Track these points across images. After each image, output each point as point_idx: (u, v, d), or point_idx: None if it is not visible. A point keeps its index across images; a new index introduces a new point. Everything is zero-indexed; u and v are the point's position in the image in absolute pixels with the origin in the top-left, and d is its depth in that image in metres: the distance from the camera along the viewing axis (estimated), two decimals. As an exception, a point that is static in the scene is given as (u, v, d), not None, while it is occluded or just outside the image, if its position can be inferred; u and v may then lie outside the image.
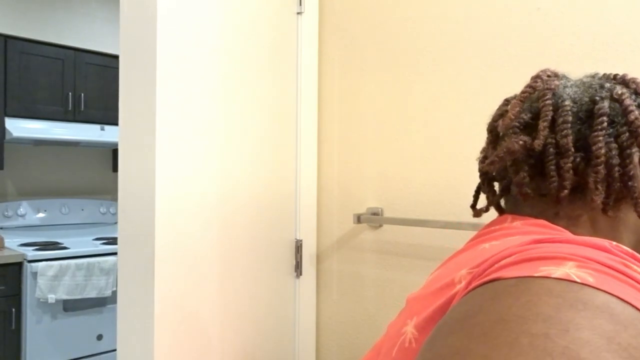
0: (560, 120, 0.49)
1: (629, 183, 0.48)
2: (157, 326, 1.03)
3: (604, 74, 0.55)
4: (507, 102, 0.58)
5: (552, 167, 0.49)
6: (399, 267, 1.26)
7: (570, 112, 0.49)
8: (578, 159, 0.48)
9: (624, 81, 0.52)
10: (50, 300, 2.60)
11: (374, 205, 1.31)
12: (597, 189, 0.47)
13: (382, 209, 1.29)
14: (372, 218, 1.27)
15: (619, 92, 0.49)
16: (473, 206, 0.63)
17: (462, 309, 0.34)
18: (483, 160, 0.58)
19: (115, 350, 2.87)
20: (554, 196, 0.50)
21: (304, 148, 1.38)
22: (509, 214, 0.53)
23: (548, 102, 0.50)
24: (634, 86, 0.51)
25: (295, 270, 1.37)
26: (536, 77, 0.53)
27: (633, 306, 0.30)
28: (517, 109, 0.52)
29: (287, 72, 1.34)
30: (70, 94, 3.04)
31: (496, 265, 0.36)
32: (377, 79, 1.31)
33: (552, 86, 0.51)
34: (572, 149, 0.48)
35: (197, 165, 1.11)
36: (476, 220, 1.13)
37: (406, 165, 1.25)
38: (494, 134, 0.56)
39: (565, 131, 0.48)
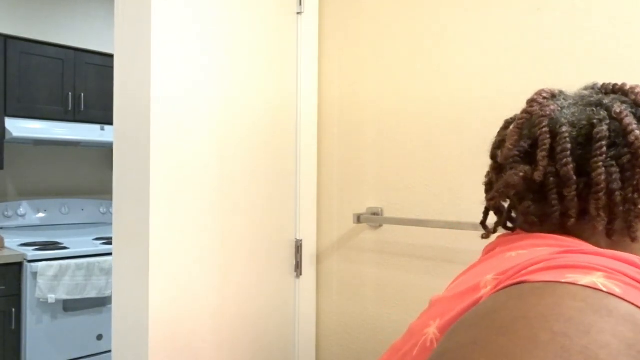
0: (559, 149, 0.48)
1: (630, 207, 0.47)
2: (152, 326, 1.03)
3: (603, 85, 0.53)
4: (507, 124, 0.57)
5: (554, 197, 0.48)
6: (399, 267, 1.26)
7: (568, 139, 0.48)
8: (582, 186, 0.47)
9: (623, 91, 0.51)
10: (50, 300, 2.60)
11: (374, 205, 1.31)
12: (599, 215, 0.47)
13: (382, 209, 1.29)
14: (372, 218, 1.27)
15: (618, 110, 0.48)
16: (483, 223, 0.62)
17: (487, 305, 0.34)
18: (488, 189, 0.58)
19: (115, 350, 2.86)
20: (560, 224, 0.49)
21: (304, 148, 1.38)
22: (525, 232, 0.53)
23: (545, 129, 0.49)
24: (633, 97, 0.50)
25: (295, 270, 1.37)
26: (532, 101, 0.52)
27: None
28: (515, 137, 0.51)
29: (287, 72, 1.34)
30: (70, 94, 3.04)
31: (524, 272, 0.37)
32: (377, 79, 1.31)
33: (548, 112, 0.50)
34: (574, 177, 0.47)
35: (194, 164, 1.11)
36: (476, 220, 1.13)
37: (406, 165, 1.25)
38: (496, 161, 0.55)
39: (565, 160, 0.47)
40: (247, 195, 1.23)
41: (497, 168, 0.55)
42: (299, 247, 1.37)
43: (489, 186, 0.58)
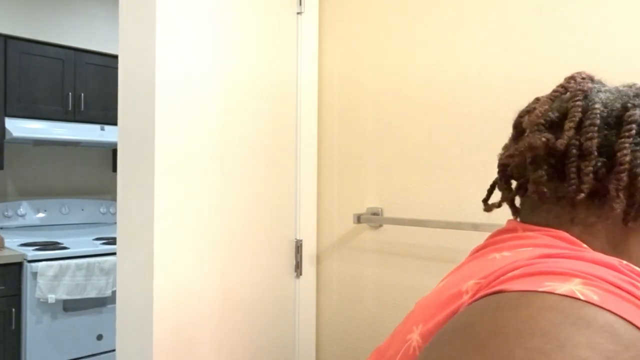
0: (588, 122, 0.47)
1: None
2: (156, 326, 1.03)
3: None
4: (537, 100, 0.56)
5: (573, 169, 0.47)
6: (399, 267, 1.26)
7: (599, 116, 0.47)
8: (600, 164, 0.47)
9: None
10: (50, 300, 2.60)
11: (374, 205, 1.31)
12: (618, 196, 0.46)
13: (382, 209, 1.29)
14: (372, 218, 1.27)
15: None
16: (485, 200, 0.60)
17: (463, 319, 0.33)
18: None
19: (115, 350, 2.87)
20: (571, 200, 0.48)
21: (304, 148, 1.38)
22: (520, 224, 0.51)
23: (578, 103, 0.49)
24: None
25: (295, 270, 1.37)
26: (570, 78, 0.52)
27: (637, 327, 0.29)
28: (546, 106, 0.50)
29: (287, 72, 1.34)
30: (70, 94, 3.04)
31: (502, 278, 0.36)
32: (377, 78, 1.31)
33: (585, 88, 0.50)
34: (596, 153, 0.46)
35: (196, 164, 1.11)
36: (476, 220, 1.13)
37: (406, 165, 1.25)
38: (519, 130, 0.54)
39: (591, 134, 0.47)
40: (248, 196, 1.23)
41: (517, 137, 0.54)
42: (299, 247, 1.37)
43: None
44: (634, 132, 0.46)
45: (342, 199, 1.38)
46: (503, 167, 0.57)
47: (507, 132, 0.58)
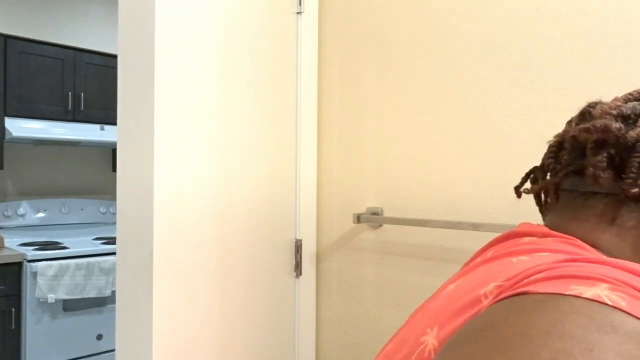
0: None
1: None
2: (156, 326, 1.03)
3: None
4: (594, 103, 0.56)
5: (636, 164, 0.47)
6: (399, 267, 1.26)
7: None
8: None
9: None
10: (50, 300, 2.60)
11: (374, 205, 1.31)
12: None
13: (382, 209, 1.29)
14: (372, 218, 1.27)
15: None
16: (518, 187, 0.61)
17: (486, 319, 0.33)
18: (554, 150, 0.56)
19: (115, 350, 2.87)
20: (621, 195, 0.48)
21: (304, 148, 1.38)
22: (539, 227, 0.51)
23: None
24: None
25: (295, 270, 1.37)
26: None
27: None
28: (619, 103, 0.51)
29: (287, 72, 1.34)
30: (70, 94, 3.04)
31: (526, 281, 0.36)
32: (377, 79, 1.31)
33: None
34: None
35: (196, 165, 1.11)
36: (476, 220, 1.13)
37: (406, 165, 1.25)
38: (585, 119, 0.53)
39: None
40: (248, 196, 1.23)
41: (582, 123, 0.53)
42: (299, 247, 1.37)
43: (558, 146, 0.56)
44: None
45: (342, 199, 1.38)
46: (558, 146, 0.56)
47: (507, 132, 0.59)
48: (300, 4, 1.37)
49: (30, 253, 2.63)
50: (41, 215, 3.15)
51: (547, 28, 1.04)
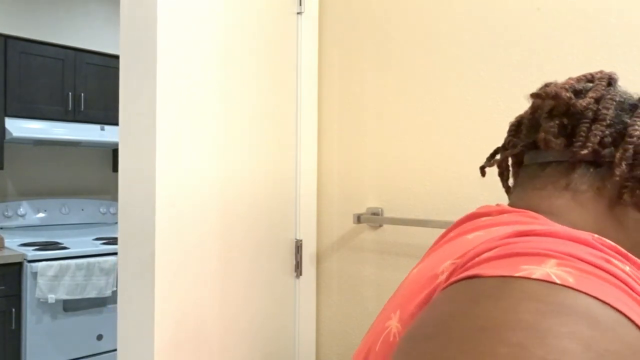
0: (608, 97, 0.51)
1: None
2: (157, 326, 1.03)
3: None
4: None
5: (584, 129, 0.50)
6: (399, 267, 1.26)
7: (618, 95, 0.52)
8: (608, 133, 0.50)
9: None
10: (50, 300, 2.60)
11: (374, 205, 1.31)
12: (620, 164, 0.49)
13: (382, 209, 1.29)
14: (372, 218, 1.27)
15: None
16: (483, 167, 0.64)
17: (442, 309, 0.33)
18: (514, 129, 0.60)
19: (115, 350, 2.87)
20: (572, 160, 0.51)
21: (303, 148, 1.38)
22: (495, 207, 0.53)
23: (603, 82, 0.53)
24: None
25: (295, 270, 1.37)
26: (596, 72, 0.56)
27: (613, 307, 0.30)
28: (572, 81, 0.54)
29: (287, 72, 1.34)
30: (70, 94, 3.05)
31: (477, 259, 0.36)
32: (377, 79, 1.31)
33: (612, 76, 0.55)
34: (608, 122, 0.50)
35: (197, 165, 1.11)
36: (476, 220, 1.13)
37: (406, 165, 1.25)
38: (540, 97, 0.57)
39: (609, 105, 0.51)
40: (248, 196, 1.23)
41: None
42: (299, 247, 1.37)
43: (517, 126, 0.60)
44: None
45: (342, 199, 1.38)
46: (517, 124, 0.60)
47: (506, 133, 0.60)
48: (300, 4, 1.37)
49: (30, 253, 2.63)
50: (41, 215, 3.15)
51: (547, 28, 1.04)
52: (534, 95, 0.55)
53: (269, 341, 1.29)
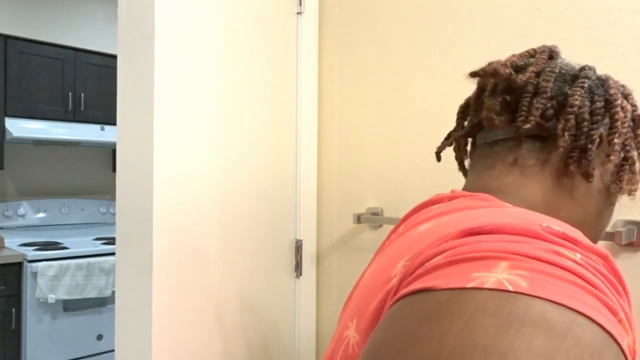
0: (548, 69, 0.52)
1: (589, 146, 0.49)
2: (155, 326, 1.03)
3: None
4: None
5: (525, 103, 0.51)
6: (399, 267, 1.26)
7: (558, 67, 0.52)
8: (550, 106, 0.50)
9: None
10: (50, 300, 2.60)
11: (374, 205, 1.31)
12: (563, 135, 0.49)
13: (382, 209, 1.29)
14: (372, 218, 1.27)
15: (606, 76, 0.53)
16: (438, 152, 0.65)
17: (395, 331, 0.32)
18: (462, 111, 0.62)
19: (115, 350, 2.87)
20: (517, 135, 0.51)
21: (303, 148, 1.38)
22: (447, 194, 0.53)
23: (544, 55, 0.54)
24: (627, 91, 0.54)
25: (295, 270, 1.37)
26: (538, 47, 0.57)
27: (568, 307, 0.29)
28: (514, 58, 0.55)
29: (287, 72, 1.34)
30: (70, 94, 3.05)
31: (426, 266, 0.35)
32: (377, 78, 1.31)
33: (553, 49, 0.55)
34: (549, 94, 0.50)
35: (195, 165, 1.11)
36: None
37: (406, 165, 1.25)
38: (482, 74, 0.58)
39: (549, 77, 0.51)
40: (248, 196, 1.23)
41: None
42: (299, 247, 1.37)
43: (465, 108, 0.61)
44: (586, 85, 0.51)
45: (342, 199, 1.38)
46: (465, 105, 0.61)
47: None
48: (300, 4, 1.37)
49: (30, 253, 2.63)
50: (41, 215, 3.15)
51: (547, 28, 1.04)
52: (472, 74, 0.55)
53: (269, 341, 1.29)
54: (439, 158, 0.65)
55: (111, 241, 3.02)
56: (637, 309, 0.89)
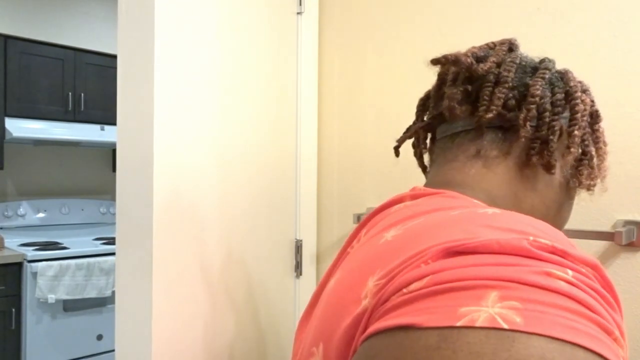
0: (509, 60, 0.52)
1: (551, 137, 0.49)
2: (155, 326, 1.03)
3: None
4: None
5: (487, 92, 0.50)
6: (399, 267, 1.26)
7: (519, 58, 0.52)
8: (511, 96, 0.50)
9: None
10: (50, 300, 2.60)
11: (374, 205, 1.31)
12: (525, 125, 0.49)
13: (382, 209, 1.29)
14: (372, 218, 1.27)
15: (566, 69, 0.53)
16: (397, 147, 0.65)
17: None
18: (422, 104, 0.62)
19: (115, 350, 2.87)
20: (478, 125, 0.51)
21: (303, 148, 1.38)
22: (408, 193, 0.50)
23: (504, 47, 0.54)
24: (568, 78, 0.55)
25: (295, 270, 1.37)
26: (498, 40, 0.57)
27: (566, 342, 0.28)
28: (474, 49, 0.55)
29: (287, 72, 1.34)
30: (70, 94, 3.05)
31: (405, 292, 0.32)
32: (377, 78, 1.31)
33: (513, 41, 0.56)
34: (510, 84, 0.50)
35: (196, 165, 1.11)
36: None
37: (406, 165, 1.25)
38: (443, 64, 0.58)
39: (510, 68, 0.51)
40: (248, 196, 1.23)
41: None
42: (299, 247, 1.37)
43: (426, 100, 0.61)
44: (547, 76, 0.51)
45: (342, 199, 1.38)
46: (425, 97, 0.61)
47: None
48: (300, 4, 1.37)
49: (30, 253, 2.63)
50: (41, 215, 3.15)
51: (547, 28, 1.04)
52: (434, 61, 0.55)
53: (268, 341, 1.29)
54: (397, 153, 0.65)
55: (111, 241, 3.02)
56: (638, 309, 0.89)
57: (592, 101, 0.54)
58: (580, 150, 0.52)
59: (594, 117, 0.54)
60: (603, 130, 0.55)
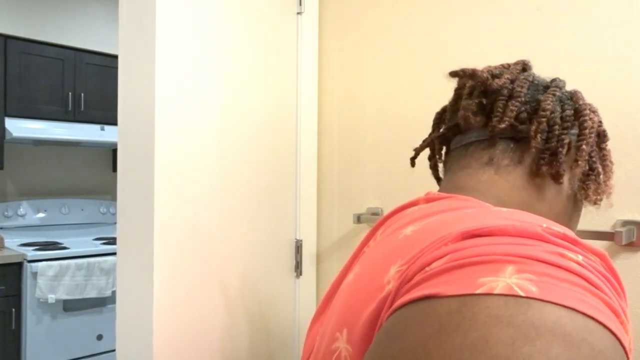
0: (522, 77, 0.55)
1: (560, 149, 0.51)
2: (156, 326, 1.03)
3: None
4: None
5: (501, 105, 0.53)
6: (399, 267, 1.26)
7: (532, 77, 0.56)
8: (523, 109, 0.53)
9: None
10: (50, 300, 2.60)
11: (374, 205, 1.31)
12: (535, 137, 0.51)
13: (382, 209, 1.29)
14: (372, 218, 1.27)
15: (575, 90, 0.56)
16: (413, 159, 0.68)
17: (402, 345, 0.31)
18: (439, 117, 0.65)
19: (115, 350, 2.87)
20: (491, 135, 0.53)
21: (303, 148, 1.38)
22: (422, 197, 0.53)
23: (518, 67, 0.57)
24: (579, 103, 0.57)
25: (295, 270, 1.37)
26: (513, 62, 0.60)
27: (580, 312, 0.29)
28: (490, 68, 0.58)
29: (287, 72, 1.34)
30: (70, 94, 3.05)
31: (427, 270, 0.34)
32: (377, 78, 1.31)
33: (527, 62, 0.58)
34: (523, 99, 0.53)
35: (196, 165, 1.11)
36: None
37: (406, 165, 1.25)
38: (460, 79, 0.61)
39: (523, 84, 0.54)
40: (248, 196, 1.23)
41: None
42: (299, 247, 1.37)
43: (443, 112, 0.64)
44: (558, 93, 0.54)
45: (342, 199, 1.38)
46: (442, 111, 0.65)
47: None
48: (300, 4, 1.37)
49: (30, 253, 2.63)
50: (41, 215, 3.15)
51: (547, 28, 1.04)
52: (452, 74, 0.58)
53: (268, 341, 1.30)
54: (413, 164, 0.68)
55: (111, 241, 3.02)
56: (638, 309, 0.89)
57: (600, 121, 0.57)
58: (587, 167, 0.55)
59: (602, 136, 0.57)
60: (610, 150, 0.58)
